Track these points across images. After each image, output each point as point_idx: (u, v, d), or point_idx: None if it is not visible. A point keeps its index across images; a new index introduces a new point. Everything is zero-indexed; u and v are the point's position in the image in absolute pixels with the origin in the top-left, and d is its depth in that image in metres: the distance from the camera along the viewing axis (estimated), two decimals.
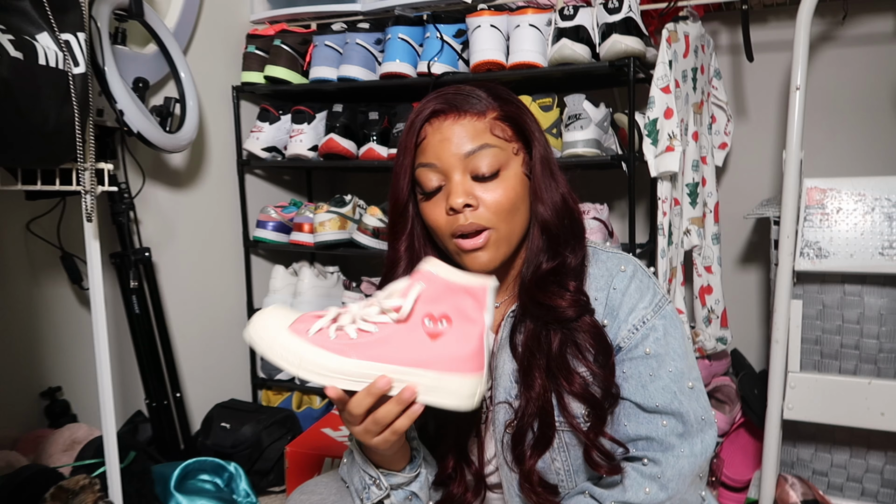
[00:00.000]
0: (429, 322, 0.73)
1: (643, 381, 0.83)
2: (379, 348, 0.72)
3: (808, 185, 1.33)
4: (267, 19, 2.00)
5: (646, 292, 0.85)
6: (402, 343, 0.72)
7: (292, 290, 2.00)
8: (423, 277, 0.74)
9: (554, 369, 0.82)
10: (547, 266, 0.84)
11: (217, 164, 1.95)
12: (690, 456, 0.81)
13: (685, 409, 0.81)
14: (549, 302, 0.82)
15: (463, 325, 0.73)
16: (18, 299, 1.44)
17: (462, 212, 0.80)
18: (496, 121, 0.83)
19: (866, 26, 1.81)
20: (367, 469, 0.83)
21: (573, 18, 1.57)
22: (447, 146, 0.81)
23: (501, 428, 0.87)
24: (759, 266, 2.01)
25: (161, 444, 1.66)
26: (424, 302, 0.73)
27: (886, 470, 1.41)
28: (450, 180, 0.81)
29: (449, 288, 0.73)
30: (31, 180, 1.13)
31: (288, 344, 0.72)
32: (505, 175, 0.82)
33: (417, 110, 0.85)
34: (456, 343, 0.73)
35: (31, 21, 1.02)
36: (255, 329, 0.74)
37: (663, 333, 0.84)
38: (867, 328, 1.34)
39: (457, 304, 0.73)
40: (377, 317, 0.73)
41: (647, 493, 0.80)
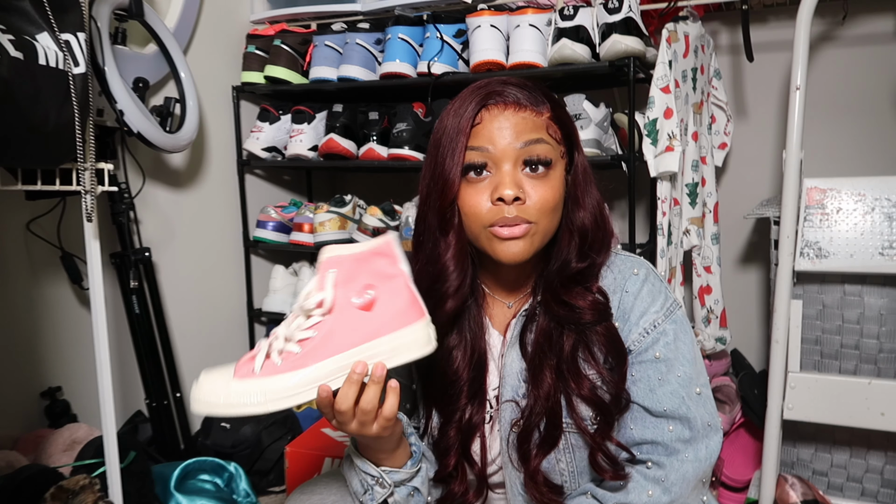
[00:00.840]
0: (356, 298, 0.73)
1: (652, 385, 0.83)
2: (327, 345, 0.72)
3: (808, 185, 1.33)
4: (267, 19, 2.00)
5: (657, 296, 0.85)
6: (344, 329, 0.72)
7: (292, 290, 2.00)
8: (330, 264, 0.73)
9: (564, 371, 0.82)
10: (576, 266, 0.84)
11: (217, 164, 1.95)
12: (695, 461, 0.81)
13: (692, 415, 0.82)
14: (572, 301, 0.82)
15: (386, 284, 0.74)
16: (18, 299, 1.44)
17: (511, 204, 0.79)
18: (550, 120, 0.83)
19: (866, 26, 1.81)
20: (367, 470, 0.83)
21: (573, 18, 1.57)
22: (504, 134, 0.80)
23: (507, 426, 0.87)
24: (759, 266, 2.01)
25: (161, 444, 1.66)
26: (343, 284, 0.73)
27: (886, 470, 1.41)
28: (499, 169, 0.80)
29: (358, 260, 0.74)
30: (31, 180, 1.13)
31: (243, 389, 0.71)
32: (553, 173, 0.82)
33: (475, 93, 0.82)
34: (390, 302, 0.74)
35: (31, 21, 1.02)
36: (203, 397, 0.72)
37: (673, 338, 0.84)
38: (867, 328, 1.34)
39: (372, 269, 0.74)
40: (307, 322, 0.73)
41: (649, 496, 0.80)
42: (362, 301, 0.73)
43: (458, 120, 0.81)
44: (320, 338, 0.72)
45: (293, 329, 0.73)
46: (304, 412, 1.98)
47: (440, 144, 0.82)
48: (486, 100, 0.81)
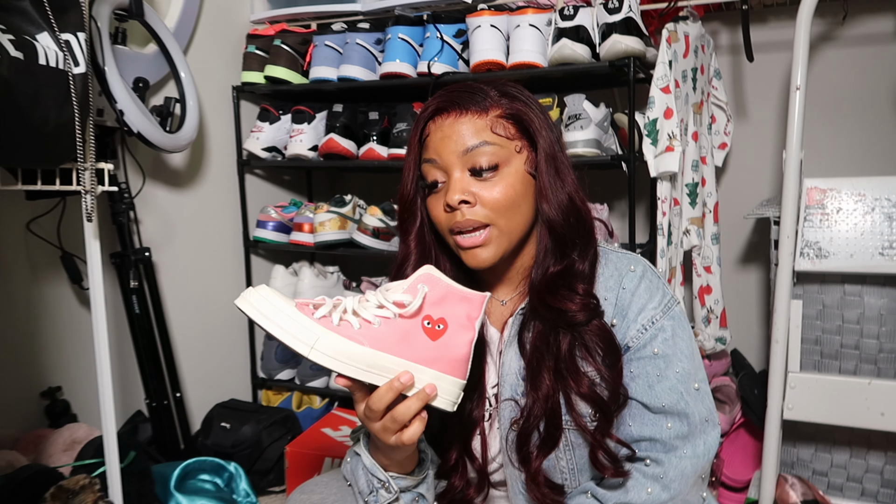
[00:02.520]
0: (427, 323, 0.75)
1: (650, 381, 0.83)
2: (385, 339, 0.73)
3: (808, 185, 1.33)
4: (267, 19, 2.00)
5: (655, 293, 0.85)
6: (405, 338, 0.74)
7: (292, 290, 2.00)
8: (426, 280, 0.76)
9: (562, 370, 0.83)
10: (555, 269, 0.84)
11: (217, 164, 1.95)
12: (693, 457, 0.82)
13: (690, 410, 0.82)
14: (559, 305, 0.82)
15: (458, 330, 0.76)
16: (18, 299, 1.44)
17: (459, 209, 0.81)
18: (498, 118, 0.83)
19: (866, 26, 1.81)
20: (375, 473, 0.83)
21: (573, 18, 1.57)
22: (447, 143, 0.82)
23: (507, 425, 0.87)
24: (759, 266, 2.00)
25: (161, 444, 1.66)
26: (427, 304, 0.75)
27: (886, 470, 1.41)
28: (449, 177, 0.83)
29: (450, 293, 0.76)
30: (31, 180, 1.13)
31: (302, 322, 0.71)
32: (505, 172, 0.82)
33: (423, 108, 0.87)
34: (452, 346, 0.75)
35: (31, 21, 1.02)
36: (258, 306, 0.71)
37: (671, 334, 0.84)
38: (867, 328, 1.34)
39: (454, 310, 0.76)
40: (379, 310, 0.74)
41: (649, 494, 0.81)
42: (431, 329, 0.75)
43: (414, 133, 0.87)
44: (380, 330, 0.73)
45: (360, 306, 0.74)
46: (304, 412, 1.98)
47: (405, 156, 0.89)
48: (434, 112, 0.85)
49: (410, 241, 0.89)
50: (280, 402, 2.02)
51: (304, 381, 2.00)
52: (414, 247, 0.89)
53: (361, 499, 0.86)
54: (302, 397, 2.05)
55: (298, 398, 2.03)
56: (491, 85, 0.86)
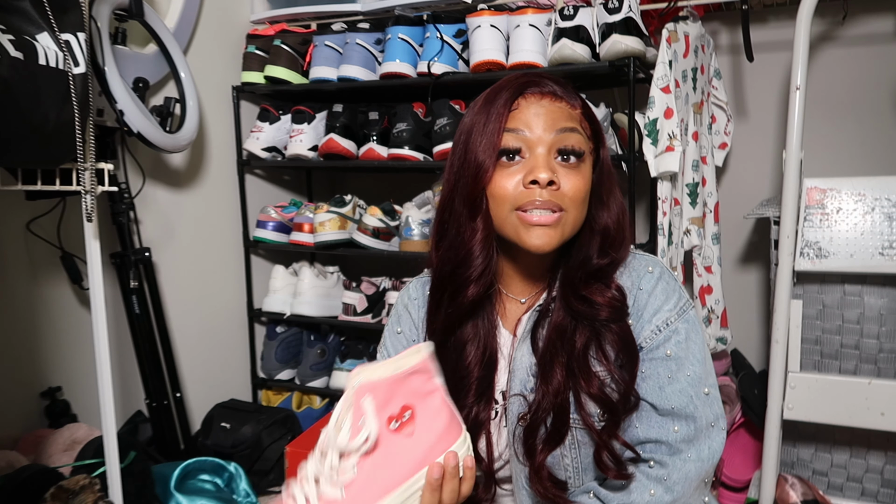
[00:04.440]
0: (394, 425, 0.68)
1: (661, 382, 0.83)
2: (375, 484, 0.66)
3: (808, 185, 1.33)
4: (267, 19, 2.00)
5: (671, 295, 0.85)
6: (391, 464, 0.67)
7: (292, 290, 2.00)
8: (365, 390, 0.67)
9: (575, 368, 0.82)
10: (597, 262, 0.84)
11: (217, 164, 1.95)
12: (698, 461, 0.81)
13: (698, 414, 0.82)
14: (591, 297, 0.82)
15: (424, 402, 0.71)
16: (18, 299, 1.44)
17: (544, 188, 0.78)
18: (583, 115, 0.85)
19: (866, 26, 1.81)
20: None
21: (573, 18, 1.57)
22: (540, 120, 0.80)
23: (515, 419, 0.87)
24: (759, 266, 2.00)
25: (161, 444, 1.66)
26: (380, 409, 0.68)
27: (886, 470, 1.41)
28: (533, 153, 0.80)
29: (394, 383, 0.69)
30: (31, 180, 1.13)
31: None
32: (584, 165, 0.83)
33: (511, 82, 0.83)
34: (431, 423, 0.71)
35: (31, 21, 1.02)
36: None
37: (685, 337, 0.84)
38: (867, 328, 1.34)
39: (408, 389, 0.70)
40: (345, 463, 0.66)
41: (651, 496, 0.80)
42: (400, 426, 0.69)
43: (493, 105, 0.82)
44: (365, 478, 0.66)
45: (326, 472, 0.66)
46: (304, 412, 1.98)
47: (472, 130, 0.83)
48: (524, 88, 0.83)
49: (480, 220, 0.82)
50: (280, 402, 2.02)
51: (304, 381, 2.00)
52: (483, 225, 0.82)
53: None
54: (302, 397, 2.05)
55: (298, 398, 2.03)
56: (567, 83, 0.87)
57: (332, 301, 1.99)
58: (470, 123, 0.84)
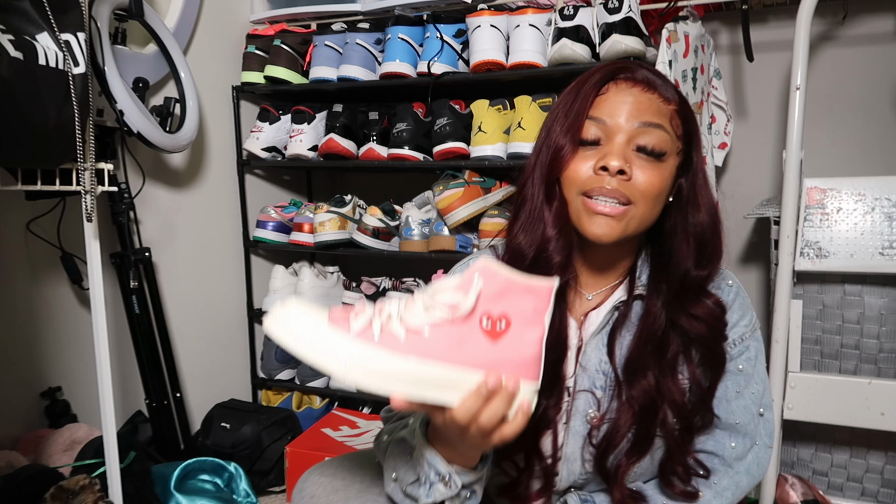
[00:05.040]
0: (486, 321, 0.65)
1: (729, 396, 0.84)
2: (435, 348, 0.63)
3: (808, 185, 1.33)
4: (267, 19, 2.00)
5: (747, 311, 0.86)
6: (460, 343, 0.64)
7: (292, 290, 2.00)
8: (482, 272, 0.66)
9: (663, 376, 0.80)
10: (696, 274, 0.81)
11: (217, 164, 1.95)
12: (747, 475, 0.84)
13: (756, 433, 0.84)
14: (696, 314, 0.81)
15: (524, 327, 0.66)
16: (18, 299, 1.44)
17: (613, 176, 0.76)
18: (675, 113, 0.80)
19: (866, 26, 1.81)
20: (436, 465, 0.73)
21: (573, 18, 1.57)
22: (625, 108, 0.77)
23: (581, 419, 0.84)
24: (759, 266, 2.00)
25: (161, 444, 1.66)
26: (483, 299, 0.65)
27: (886, 470, 1.41)
28: (611, 141, 0.77)
29: (511, 286, 0.66)
30: (31, 180, 1.13)
31: (332, 340, 0.61)
32: (665, 164, 0.78)
33: (604, 66, 0.81)
34: (517, 347, 0.66)
35: (31, 21, 1.02)
36: (288, 325, 0.62)
37: (755, 355, 0.85)
38: (867, 328, 1.34)
39: (517, 304, 0.66)
40: (427, 315, 0.64)
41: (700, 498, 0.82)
42: (491, 328, 0.65)
43: (583, 87, 0.80)
44: (432, 338, 0.64)
45: (407, 312, 0.65)
46: (304, 412, 1.98)
47: (557, 111, 0.81)
48: (617, 73, 0.80)
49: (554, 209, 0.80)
50: (280, 403, 2.02)
51: (304, 381, 2.00)
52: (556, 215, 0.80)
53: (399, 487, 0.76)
54: (302, 397, 2.05)
55: (298, 398, 2.03)
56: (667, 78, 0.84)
57: (331, 301, 1.99)
58: (557, 104, 0.82)
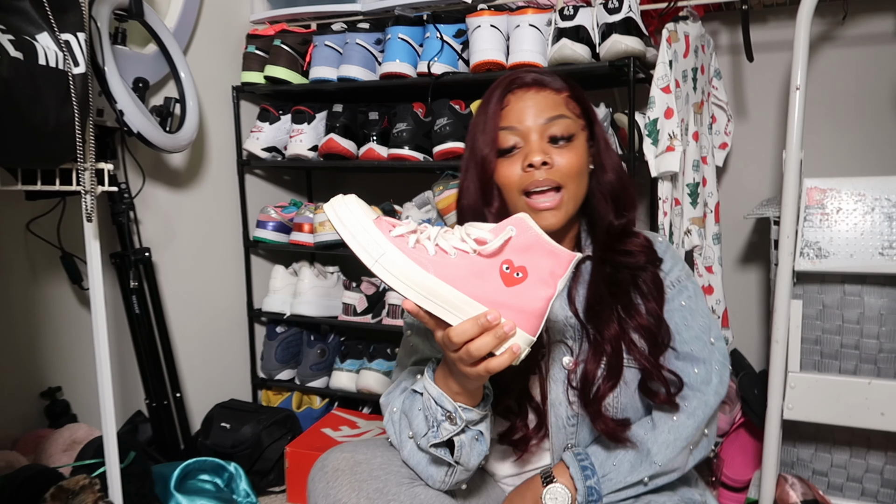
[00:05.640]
0: (506, 268, 0.73)
1: (679, 328, 0.96)
2: (455, 272, 0.72)
3: (808, 185, 1.33)
4: (267, 19, 2.00)
5: (678, 261, 1.01)
6: (478, 276, 0.73)
7: (292, 290, 2.00)
8: (516, 224, 0.74)
9: (623, 309, 0.93)
10: (618, 223, 0.96)
11: (217, 164, 1.95)
12: (715, 394, 0.94)
13: (711, 359, 0.95)
14: (627, 248, 0.95)
15: (537, 283, 0.74)
16: (18, 299, 1.44)
17: (539, 168, 0.90)
18: (569, 98, 0.95)
19: (866, 26, 1.81)
20: (443, 403, 0.83)
21: (573, 18, 1.57)
22: (529, 112, 0.92)
23: (558, 366, 0.95)
24: (759, 266, 2.00)
25: (161, 444, 1.66)
26: (510, 248, 0.74)
27: (886, 470, 1.41)
28: (528, 142, 0.92)
29: (538, 243, 0.74)
30: (31, 180, 1.13)
31: (374, 235, 0.72)
32: (575, 143, 0.94)
33: (501, 82, 0.96)
34: (526, 297, 0.74)
35: (31, 21, 1.02)
36: (339, 211, 0.73)
37: (694, 293, 0.99)
38: (867, 328, 1.34)
39: (538, 261, 0.74)
40: (459, 242, 0.74)
41: (674, 421, 0.92)
42: (509, 275, 0.73)
43: (489, 106, 0.95)
44: (455, 262, 0.73)
45: (441, 236, 0.74)
46: (304, 412, 1.98)
47: (475, 130, 0.95)
48: (511, 85, 0.95)
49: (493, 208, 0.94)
50: (280, 403, 2.02)
51: (304, 381, 2.00)
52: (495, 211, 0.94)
53: (414, 442, 0.87)
54: (302, 397, 2.05)
55: (298, 398, 2.03)
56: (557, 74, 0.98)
57: (332, 301, 1.99)
58: (474, 123, 0.97)
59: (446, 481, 0.88)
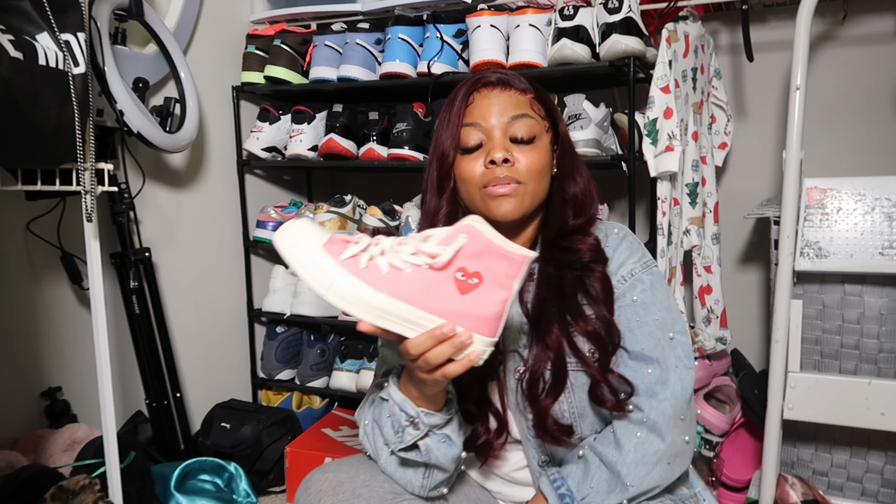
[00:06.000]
0: (461, 275, 0.74)
1: (630, 326, 0.91)
2: (409, 288, 0.73)
3: (808, 185, 1.33)
4: (267, 19, 2.00)
5: (635, 252, 0.96)
6: (432, 289, 0.73)
7: (292, 290, 2.00)
8: (467, 231, 0.75)
9: (568, 313, 0.90)
10: (572, 223, 0.94)
11: (217, 164, 1.95)
12: (672, 399, 0.88)
13: (665, 357, 0.90)
14: (573, 245, 0.92)
15: (492, 287, 0.74)
16: (18, 299, 1.44)
17: (501, 165, 0.90)
18: (534, 100, 0.95)
19: (866, 26, 1.81)
20: (405, 408, 0.84)
21: (573, 18, 1.57)
22: (493, 110, 0.93)
23: (512, 374, 0.93)
24: (759, 266, 2.00)
25: (161, 444, 1.66)
26: (462, 256, 0.74)
27: (886, 470, 1.41)
28: (491, 139, 0.92)
29: (489, 248, 0.74)
30: (31, 180, 1.13)
31: (321, 264, 0.73)
32: (538, 144, 0.93)
33: (467, 80, 0.97)
34: (482, 303, 0.74)
35: (31, 21, 1.02)
36: (288, 241, 0.75)
37: (650, 286, 0.93)
38: (867, 328, 1.34)
39: (492, 266, 0.74)
40: (411, 257, 0.74)
41: (638, 438, 0.87)
42: (464, 282, 0.74)
43: (454, 103, 0.95)
44: (408, 278, 0.73)
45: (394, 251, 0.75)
46: (304, 412, 1.98)
47: (440, 126, 0.96)
48: (477, 84, 0.95)
49: (445, 199, 0.96)
50: (280, 403, 2.02)
51: (304, 381, 2.00)
52: (447, 203, 0.95)
53: (387, 450, 0.88)
54: (302, 397, 2.05)
55: (298, 398, 2.03)
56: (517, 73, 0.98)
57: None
58: (440, 120, 0.97)
59: (425, 485, 0.89)
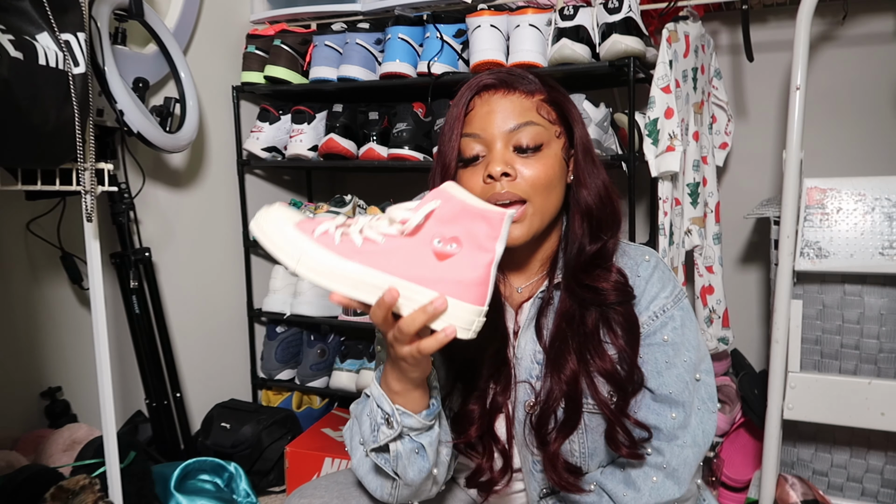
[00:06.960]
0: (438, 242, 0.70)
1: (659, 367, 0.85)
2: (382, 258, 0.70)
3: (808, 185, 1.33)
4: (267, 19, 2.00)
5: (667, 283, 0.88)
6: (406, 257, 0.70)
7: (292, 290, 2.00)
8: (440, 195, 0.72)
9: (586, 350, 0.84)
10: (591, 249, 0.85)
11: (217, 164, 1.95)
12: (694, 445, 0.84)
13: (690, 399, 0.85)
14: (595, 284, 0.84)
15: (473, 251, 0.70)
16: (18, 299, 1.44)
17: (500, 180, 0.81)
18: (542, 102, 0.86)
19: (866, 26, 1.81)
20: (382, 405, 0.79)
21: (573, 18, 1.57)
22: (493, 118, 0.84)
23: (521, 407, 0.88)
24: (759, 266, 2.00)
25: (161, 444, 1.66)
26: (437, 221, 0.71)
27: (886, 470, 1.41)
28: (491, 150, 0.83)
29: (465, 210, 0.71)
30: (31, 180, 1.13)
31: (291, 238, 0.72)
32: (545, 153, 0.84)
33: (468, 84, 0.88)
34: (463, 268, 0.70)
35: (31, 21, 1.02)
36: (261, 221, 0.74)
37: (681, 324, 0.86)
38: (867, 328, 1.34)
39: (470, 228, 0.71)
40: (385, 228, 0.72)
41: (654, 483, 0.83)
42: (441, 248, 0.70)
43: (454, 109, 0.87)
44: (382, 248, 0.71)
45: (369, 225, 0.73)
46: (304, 412, 1.98)
47: (443, 132, 0.88)
48: (477, 88, 0.86)
49: None
50: (280, 402, 2.02)
51: (304, 381, 2.00)
52: None
53: (361, 449, 0.84)
54: (302, 397, 2.05)
55: (298, 398, 2.03)
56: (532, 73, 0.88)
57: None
58: (442, 128, 0.89)
59: (393, 493, 0.85)
